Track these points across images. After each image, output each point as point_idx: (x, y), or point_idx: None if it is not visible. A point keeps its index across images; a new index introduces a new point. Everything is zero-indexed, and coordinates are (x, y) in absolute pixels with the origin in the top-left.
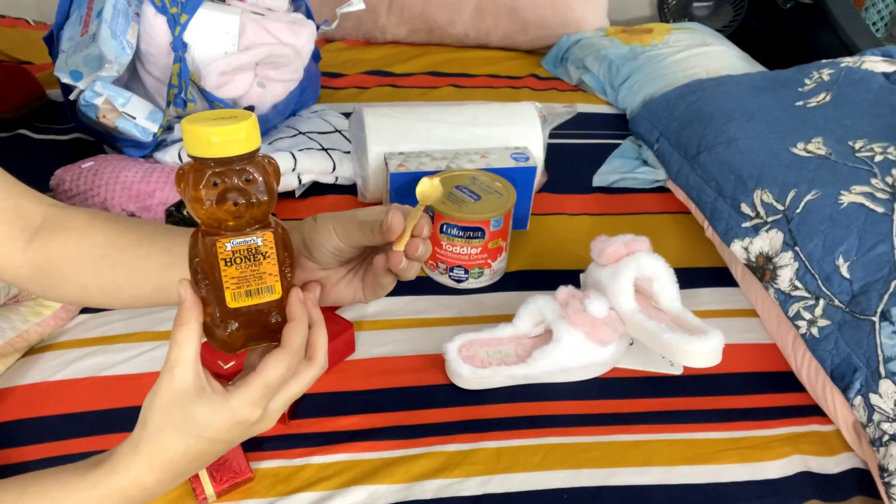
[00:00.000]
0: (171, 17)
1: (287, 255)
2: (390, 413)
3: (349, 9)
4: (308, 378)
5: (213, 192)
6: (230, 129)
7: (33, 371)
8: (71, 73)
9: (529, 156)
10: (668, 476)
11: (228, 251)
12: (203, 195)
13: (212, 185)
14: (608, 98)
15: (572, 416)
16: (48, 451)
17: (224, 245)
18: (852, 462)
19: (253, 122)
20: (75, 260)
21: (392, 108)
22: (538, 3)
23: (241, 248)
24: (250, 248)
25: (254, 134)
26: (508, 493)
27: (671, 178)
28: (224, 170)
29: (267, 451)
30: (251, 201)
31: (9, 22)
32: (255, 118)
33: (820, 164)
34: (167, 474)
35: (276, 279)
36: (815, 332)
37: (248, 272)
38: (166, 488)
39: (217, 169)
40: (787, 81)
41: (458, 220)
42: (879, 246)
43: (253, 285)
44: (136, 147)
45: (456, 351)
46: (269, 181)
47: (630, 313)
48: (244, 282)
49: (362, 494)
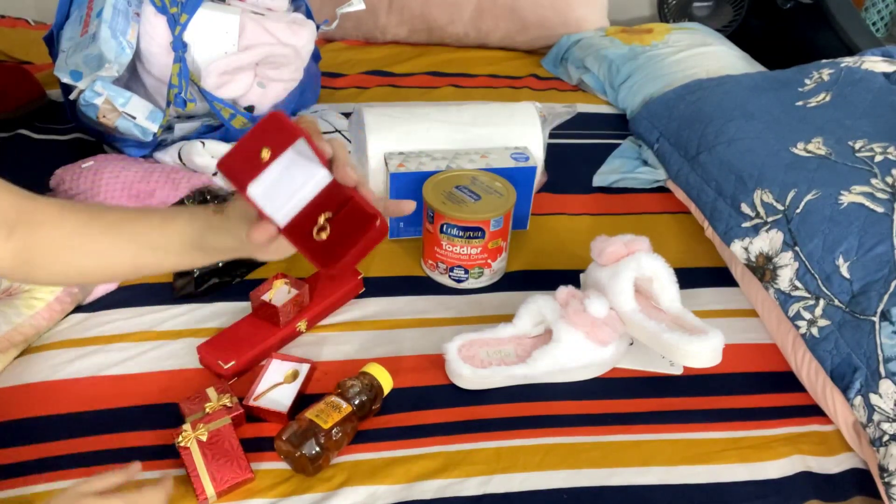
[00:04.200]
0: (171, 17)
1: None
2: (390, 413)
3: (349, 9)
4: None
5: None
6: None
7: (33, 371)
8: (71, 73)
9: (529, 156)
10: (669, 476)
11: None
12: None
13: None
14: (608, 98)
15: (572, 416)
16: (48, 451)
17: None
18: (852, 462)
19: None
20: (50, 250)
21: (392, 108)
22: (538, 3)
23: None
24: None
25: None
26: (508, 493)
27: (671, 178)
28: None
29: (267, 451)
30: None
31: (9, 22)
32: None
33: (820, 164)
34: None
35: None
36: (815, 332)
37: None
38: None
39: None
40: (787, 81)
41: (458, 220)
42: (879, 246)
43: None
44: (136, 147)
45: (456, 351)
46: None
47: (630, 313)
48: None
49: (362, 494)
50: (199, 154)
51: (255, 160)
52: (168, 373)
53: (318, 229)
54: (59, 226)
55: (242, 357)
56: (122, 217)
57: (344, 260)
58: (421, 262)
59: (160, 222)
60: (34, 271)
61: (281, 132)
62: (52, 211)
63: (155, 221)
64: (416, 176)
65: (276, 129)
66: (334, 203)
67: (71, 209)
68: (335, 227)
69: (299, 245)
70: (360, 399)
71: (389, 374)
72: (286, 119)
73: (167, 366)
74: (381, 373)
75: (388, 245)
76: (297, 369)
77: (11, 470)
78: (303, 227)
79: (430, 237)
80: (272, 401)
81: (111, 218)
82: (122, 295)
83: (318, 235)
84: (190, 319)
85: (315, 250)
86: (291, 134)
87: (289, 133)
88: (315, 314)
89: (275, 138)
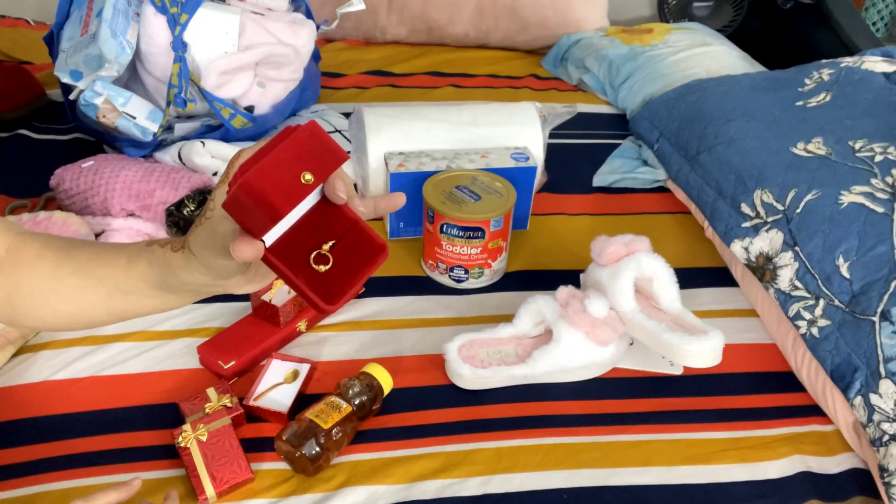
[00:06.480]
0: (171, 17)
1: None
2: (390, 413)
3: (349, 9)
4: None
5: None
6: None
7: (33, 370)
8: (71, 73)
9: (529, 156)
10: (668, 476)
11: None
12: None
13: None
14: (608, 98)
15: (572, 416)
16: (48, 451)
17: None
18: (852, 462)
19: None
20: (29, 294)
21: (392, 108)
22: (538, 3)
23: None
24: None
25: None
26: (508, 493)
27: (671, 178)
28: None
29: (267, 451)
30: None
31: (9, 22)
32: None
33: (820, 164)
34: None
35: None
36: (815, 332)
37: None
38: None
39: None
40: (787, 81)
41: (458, 220)
42: (879, 246)
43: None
44: (136, 147)
45: (456, 351)
46: None
47: (630, 313)
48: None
49: (362, 494)
50: (199, 154)
51: (294, 181)
52: (168, 373)
53: (317, 258)
54: (36, 266)
55: (242, 357)
56: (93, 256)
57: (346, 297)
58: (421, 262)
59: (126, 264)
60: (17, 314)
61: (325, 153)
62: (32, 250)
63: (121, 263)
64: (416, 176)
65: (320, 148)
66: (333, 228)
67: (49, 247)
68: (336, 257)
69: (293, 273)
70: (360, 399)
71: (389, 374)
72: (328, 137)
73: (167, 366)
74: (381, 373)
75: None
76: (297, 369)
77: (11, 470)
78: (296, 253)
79: (430, 237)
80: (272, 401)
81: (82, 257)
82: None
83: (316, 265)
84: (190, 319)
85: (313, 282)
86: (336, 156)
87: (333, 156)
88: (315, 314)
89: (318, 159)
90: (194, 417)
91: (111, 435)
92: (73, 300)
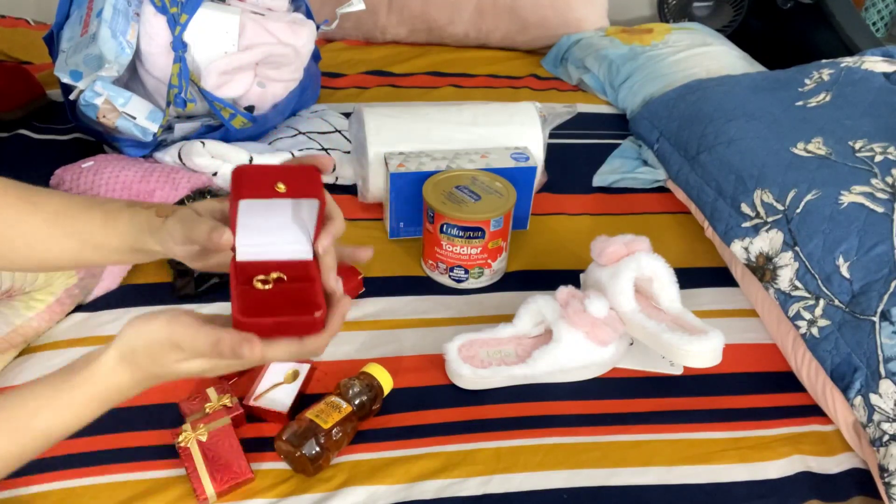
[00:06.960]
0: (171, 17)
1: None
2: (390, 413)
3: (349, 9)
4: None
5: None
6: None
7: (32, 370)
8: (71, 73)
9: (529, 156)
10: (668, 476)
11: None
12: None
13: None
14: (608, 98)
15: (572, 416)
16: (48, 451)
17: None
18: (852, 462)
19: None
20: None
21: (392, 108)
22: (538, 3)
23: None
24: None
25: None
26: (508, 493)
27: (671, 178)
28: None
29: (267, 451)
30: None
31: (9, 22)
32: None
33: (820, 164)
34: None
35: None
36: (815, 332)
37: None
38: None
39: None
40: (787, 81)
41: (458, 220)
42: (879, 246)
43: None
44: (136, 147)
45: (456, 351)
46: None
47: (630, 313)
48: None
49: (362, 494)
50: (199, 154)
51: (269, 185)
52: None
53: (262, 280)
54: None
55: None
56: (65, 207)
57: (261, 320)
58: (421, 262)
59: (102, 221)
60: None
61: (308, 183)
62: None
63: (98, 219)
64: (416, 176)
65: (307, 178)
66: (294, 272)
67: (14, 193)
68: (277, 290)
69: (235, 283)
70: (361, 399)
71: (389, 374)
72: (320, 178)
73: None
74: (381, 373)
75: (388, 245)
76: (297, 369)
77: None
78: (250, 273)
79: (430, 237)
80: (272, 401)
81: (52, 207)
82: (122, 295)
83: (256, 283)
84: None
85: (243, 295)
86: (314, 190)
87: (313, 188)
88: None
89: (298, 183)
90: (194, 417)
91: (111, 435)
92: (41, 246)
